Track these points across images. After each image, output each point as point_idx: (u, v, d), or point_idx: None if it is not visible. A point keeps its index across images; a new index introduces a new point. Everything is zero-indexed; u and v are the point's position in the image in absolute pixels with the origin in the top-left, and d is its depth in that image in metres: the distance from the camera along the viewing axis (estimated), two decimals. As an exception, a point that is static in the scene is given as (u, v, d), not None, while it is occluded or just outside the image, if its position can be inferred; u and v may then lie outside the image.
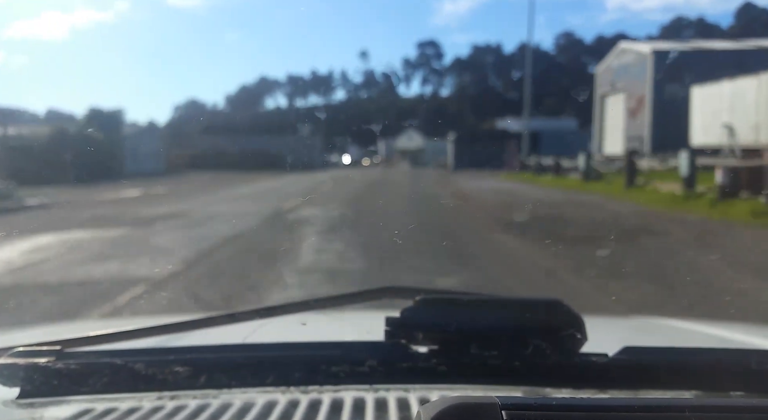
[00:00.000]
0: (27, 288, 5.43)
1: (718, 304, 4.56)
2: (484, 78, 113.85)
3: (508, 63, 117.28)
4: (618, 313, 4.39)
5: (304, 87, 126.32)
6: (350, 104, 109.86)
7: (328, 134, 59.86)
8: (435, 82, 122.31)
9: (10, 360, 0.88)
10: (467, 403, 0.54)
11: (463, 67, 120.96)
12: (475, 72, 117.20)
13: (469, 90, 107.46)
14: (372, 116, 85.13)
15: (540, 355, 0.86)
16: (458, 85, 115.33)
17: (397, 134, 64.06)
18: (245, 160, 34.69)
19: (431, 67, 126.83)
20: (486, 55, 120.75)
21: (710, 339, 1.42)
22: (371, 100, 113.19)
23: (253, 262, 6.88)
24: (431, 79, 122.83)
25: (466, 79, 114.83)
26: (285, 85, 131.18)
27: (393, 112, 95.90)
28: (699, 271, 6.01)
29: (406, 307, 0.90)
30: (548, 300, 0.90)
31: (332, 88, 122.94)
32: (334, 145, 60.39)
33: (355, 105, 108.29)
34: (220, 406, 0.84)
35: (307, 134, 49.91)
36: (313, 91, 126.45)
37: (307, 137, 47.66)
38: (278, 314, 1.02)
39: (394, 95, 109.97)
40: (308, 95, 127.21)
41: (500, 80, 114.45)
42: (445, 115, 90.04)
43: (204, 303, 4.77)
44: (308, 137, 47.83)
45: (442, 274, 5.73)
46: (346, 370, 0.89)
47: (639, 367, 0.86)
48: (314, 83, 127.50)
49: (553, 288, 5.24)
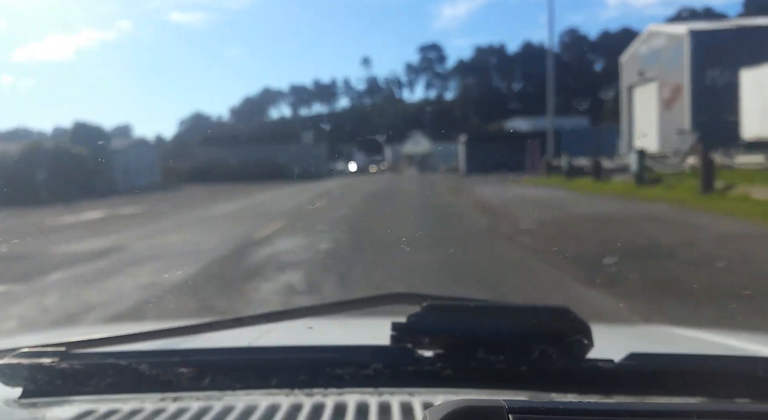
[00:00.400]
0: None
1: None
2: (488, 79, 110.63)
3: (512, 63, 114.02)
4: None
5: (308, 96, 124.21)
6: (354, 112, 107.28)
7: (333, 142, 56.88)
8: (439, 85, 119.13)
9: (14, 360, 0.87)
10: (474, 406, 0.54)
11: (467, 69, 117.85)
12: (479, 74, 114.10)
13: (473, 92, 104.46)
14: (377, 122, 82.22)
15: (546, 360, 0.85)
16: (462, 88, 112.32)
17: (403, 139, 60.62)
18: (247, 170, 31.78)
19: (434, 70, 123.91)
20: (489, 57, 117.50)
21: (716, 346, 1.37)
22: (375, 107, 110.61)
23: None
24: (435, 83, 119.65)
25: (470, 82, 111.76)
26: (288, 95, 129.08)
27: (398, 117, 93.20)
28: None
29: (413, 313, 0.88)
30: (555, 307, 0.88)
31: (336, 96, 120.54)
32: (340, 153, 57.49)
33: (359, 112, 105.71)
34: (223, 408, 0.83)
35: (311, 143, 46.74)
36: (317, 100, 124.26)
37: (312, 146, 44.55)
38: (285, 319, 1.00)
39: (398, 101, 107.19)
40: (312, 104, 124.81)
41: (505, 81, 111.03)
42: (450, 119, 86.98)
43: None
44: (313, 146, 44.72)
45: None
46: (351, 373, 0.87)
47: (645, 373, 0.85)
48: (318, 92, 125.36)
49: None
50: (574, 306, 0.87)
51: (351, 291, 5.22)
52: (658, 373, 0.85)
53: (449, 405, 0.54)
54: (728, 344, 1.39)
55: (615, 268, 5.37)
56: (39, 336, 1.64)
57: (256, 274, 6.11)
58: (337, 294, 5.19)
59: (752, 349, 1.29)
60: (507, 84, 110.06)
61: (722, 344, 1.41)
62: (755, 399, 0.82)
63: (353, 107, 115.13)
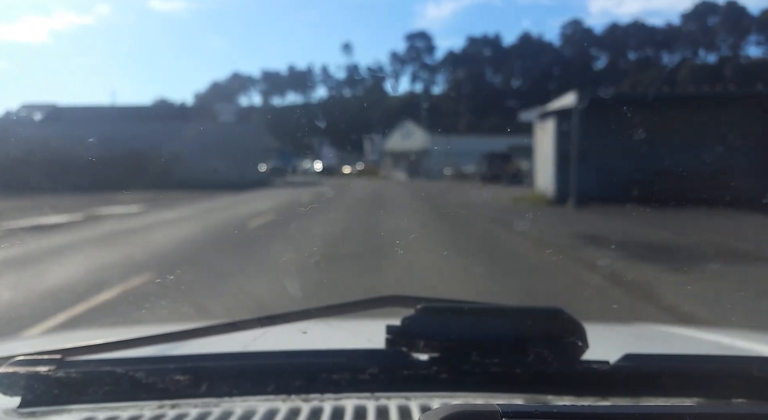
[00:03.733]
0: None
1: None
2: (481, 73, 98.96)
3: (509, 56, 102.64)
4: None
5: (282, 84, 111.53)
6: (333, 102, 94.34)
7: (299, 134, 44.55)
8: (426, 78, 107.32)
9: (10, 369, 0.88)
10: (468, 411, 0.55)
11: (458, 61, 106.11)
12: (471, 66, 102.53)
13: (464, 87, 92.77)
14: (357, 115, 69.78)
15: (541, 362, 0.87)
16: (453, 82, 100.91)
17: (389, 131, 47.49)
18: (104, 171, 16.89)
19: (422, 61, 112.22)
20: (483, 48, 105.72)
21: (711, 346, 1.41)
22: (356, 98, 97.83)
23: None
24: (422, 75, 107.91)
25: (461, 75, 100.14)
26: (260, 82, 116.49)
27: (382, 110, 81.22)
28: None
29: (407, 316, 0.90)
30: (549, 308, 0.90)
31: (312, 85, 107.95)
32: (306, 147, 45.26)
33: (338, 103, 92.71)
34: (222, 414, 0.84)
35: (238, 123, 33.07)
36: (292, 88, 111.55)
37: (246, 130, 30.75)
38: (279, 323, 1.01)
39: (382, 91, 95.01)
40: (286, 93, 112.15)
41: (500, 75, 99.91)
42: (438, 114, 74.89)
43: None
44: (248, 131, 30.84)
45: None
46: (347, 377, 0.88)
47: (640, 374, 0.87)
48: (292, 80, 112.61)
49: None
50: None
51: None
52: (653, 374, 0.87)
53: (444, 410, 0.55)
54: (722, 343, 1.43)
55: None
56: (34, 342, 1.64)
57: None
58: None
59: (746, 348, 1.33)
60: (503, 78, 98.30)
61: (716, 343, 1.44)
62: (750, 398, 0.84)
63: (331, 97, 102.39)
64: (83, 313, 4.90)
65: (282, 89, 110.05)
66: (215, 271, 6.62)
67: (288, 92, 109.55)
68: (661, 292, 5.76)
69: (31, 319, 4.65)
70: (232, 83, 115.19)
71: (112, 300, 5.31)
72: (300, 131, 52.90)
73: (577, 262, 7.49)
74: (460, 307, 0.92)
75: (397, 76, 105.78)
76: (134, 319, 4.50)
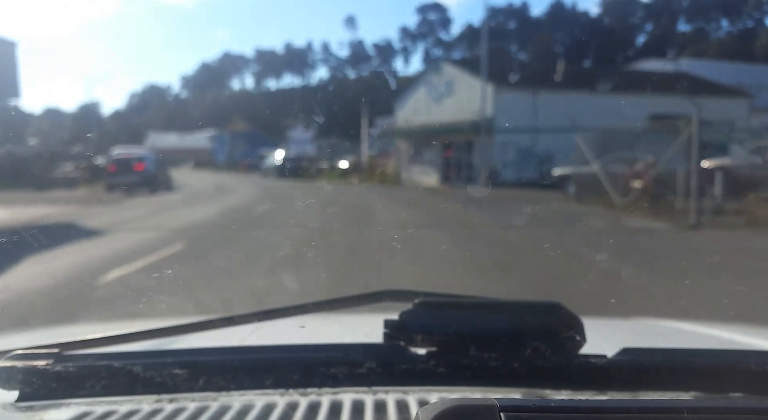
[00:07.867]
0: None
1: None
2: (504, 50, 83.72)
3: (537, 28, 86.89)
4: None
5: (278, 64, 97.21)
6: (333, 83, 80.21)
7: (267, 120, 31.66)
8: (442, 56, 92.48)
9: (8, 363, 0.90)
10: (466, 405, 0.56)
11: (478, 36, 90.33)
12: (494, 42, 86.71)
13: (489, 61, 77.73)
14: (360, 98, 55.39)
15: (539, 356, 0.89)
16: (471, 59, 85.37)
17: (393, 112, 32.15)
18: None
19: (436, 36, 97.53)
20: (507, 21, 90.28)
21: (709, 340, 1.44)
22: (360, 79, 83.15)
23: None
24: (436, 52, 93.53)
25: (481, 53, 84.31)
26: (253, 62, 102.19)
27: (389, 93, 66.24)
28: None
29: (405, 310, 0.92)
30: (547, 302, 0.92)
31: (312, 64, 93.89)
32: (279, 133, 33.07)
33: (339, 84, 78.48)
34: (219, 408, 0.86)
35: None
36: (289, 69, 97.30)
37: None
38: (276, 317, 1.04)
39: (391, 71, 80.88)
40: (282, 74, 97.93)
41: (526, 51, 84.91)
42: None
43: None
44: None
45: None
46: (345, 372, 0.91)
47: (638, 369, 0.89)
48: (289, 59, 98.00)
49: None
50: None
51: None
52: (651, 368, 0.88)
53: (441, 404, 0.56)
54: (721, 337, 1.44)
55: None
56: (31, 336, 1.64)
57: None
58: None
59: (745, 342, 1.35)
60: (531, 55, 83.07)
61: (715, 337, 1.46)
62: (748, 393, 0.86)
63: (333, 78, 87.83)
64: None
65: (278, 70, 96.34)
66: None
67: (285, 73, 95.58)
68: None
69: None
70: (223, 64, 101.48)
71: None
72: (280, 114, 39.26)
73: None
74: (457, 301, 0.94)
75: (407, 55, 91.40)
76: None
